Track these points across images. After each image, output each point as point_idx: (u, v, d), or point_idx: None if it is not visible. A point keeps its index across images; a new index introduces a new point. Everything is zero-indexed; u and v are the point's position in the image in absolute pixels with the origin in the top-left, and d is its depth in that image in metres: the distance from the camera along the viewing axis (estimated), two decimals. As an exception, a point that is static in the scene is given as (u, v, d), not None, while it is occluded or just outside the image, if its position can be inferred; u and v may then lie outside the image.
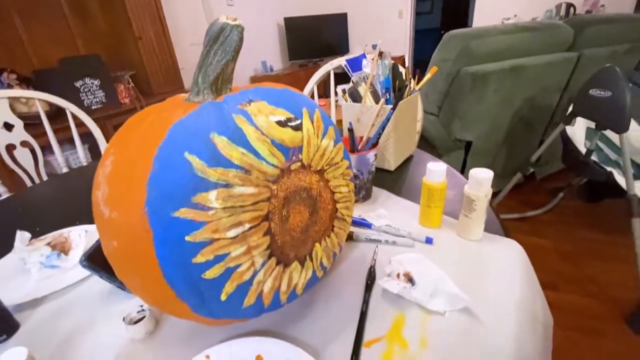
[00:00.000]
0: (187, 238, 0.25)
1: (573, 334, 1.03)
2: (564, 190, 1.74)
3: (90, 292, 0.45)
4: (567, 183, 1.76)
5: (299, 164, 0.30)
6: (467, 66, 1.39)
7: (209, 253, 0.26)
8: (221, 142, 0.26)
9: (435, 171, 0.48)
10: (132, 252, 0.26)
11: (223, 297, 0.28)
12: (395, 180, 0.68)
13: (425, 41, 6.07)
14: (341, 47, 4.37)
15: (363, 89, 0.69)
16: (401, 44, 4.49)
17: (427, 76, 0.71)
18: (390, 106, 0.62)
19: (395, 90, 0.68)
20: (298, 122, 0.31)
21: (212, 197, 0.25)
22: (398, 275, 0.39)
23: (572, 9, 3.75)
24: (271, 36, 4.08)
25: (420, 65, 5.17)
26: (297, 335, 0.35)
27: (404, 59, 4.38)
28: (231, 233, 0.26)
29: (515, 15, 3.91)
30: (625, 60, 1.69)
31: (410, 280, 0.38)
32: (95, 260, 0.40)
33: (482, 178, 0.44)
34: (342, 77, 1.18)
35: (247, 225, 0.27)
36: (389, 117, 0.58)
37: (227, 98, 0.30)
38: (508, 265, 0.42)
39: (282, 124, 0.29)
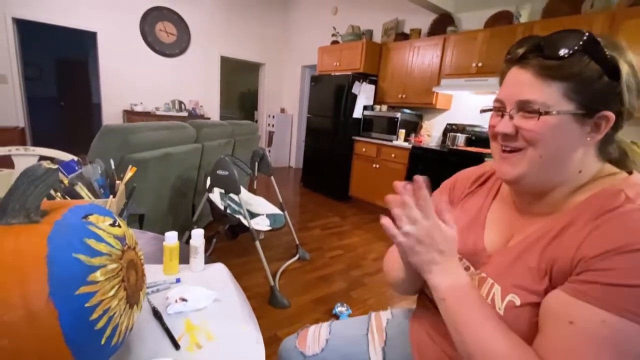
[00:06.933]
0: (86, 305, 0.40)
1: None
2: (216, 235, 2.43)
3: None
4: (215, 231, 2.47)
5: (126, 246, 0.51)
6: (129, 154, 1.67)
7: (100, 310, 0.42)
8: (92, 242, 0.44)
9: (171, 237, 0.77)
10: (30, 337, 0.36)
11: (102, 341, 0.43)
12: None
13: (41, 111, 5.34)
14: None
15: (79, 187, 0.81)
16: (11, 113, 3.73)
17: (129, 174, 0.96)
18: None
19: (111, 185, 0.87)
20: (116, 221, 0.51)
21: (98, 275, 0.42)
22: (176, 301, 0.65)
23: (182, 105, 5.00)
24: None
25: (38, 137, 4.48)
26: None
27: (22, 130, 3.65)
28: (111, 292, 0.44)
29: (141, 103, 4.56)
30: (226, 148, 2.72)
31: (183, 299, 0.66)
32: None
33: (198, 234, 0.80)
34: None
35: (117, 286, 0.45)
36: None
37: (67, 215, 0.45)
38: (221, 275, 0.80)
39: (112, 225, 0.49)
